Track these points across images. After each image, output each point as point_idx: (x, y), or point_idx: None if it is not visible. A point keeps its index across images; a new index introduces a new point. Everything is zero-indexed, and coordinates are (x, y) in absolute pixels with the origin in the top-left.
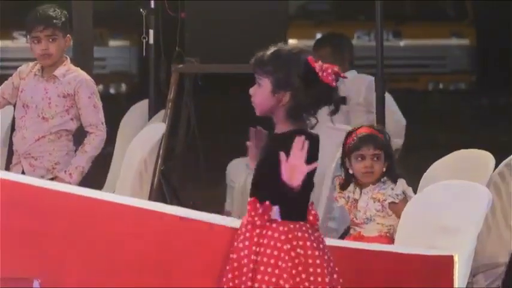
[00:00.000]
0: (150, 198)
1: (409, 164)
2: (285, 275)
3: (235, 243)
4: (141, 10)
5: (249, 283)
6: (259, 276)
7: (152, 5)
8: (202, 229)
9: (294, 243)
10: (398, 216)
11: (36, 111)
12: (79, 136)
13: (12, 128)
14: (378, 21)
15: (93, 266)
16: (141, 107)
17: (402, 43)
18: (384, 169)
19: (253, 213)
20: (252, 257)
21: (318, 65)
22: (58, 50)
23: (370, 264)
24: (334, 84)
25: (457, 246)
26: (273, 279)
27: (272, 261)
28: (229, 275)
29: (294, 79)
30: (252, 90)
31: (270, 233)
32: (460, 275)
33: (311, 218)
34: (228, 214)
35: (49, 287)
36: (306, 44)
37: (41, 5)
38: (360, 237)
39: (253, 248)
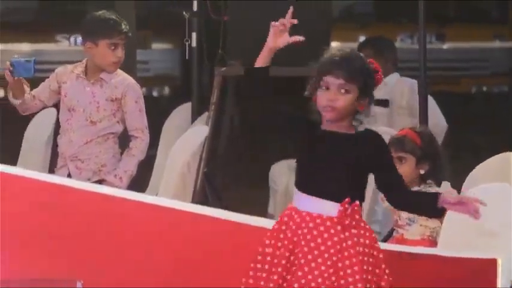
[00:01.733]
0: (193, 200)
1: (452, 167)
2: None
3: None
4: (184, 13)
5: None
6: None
7: (195, 8)
8: (245, 232)
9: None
10: (442, 219)
11: (84, 114)
12: (121, 139)
13: (56, 131)
14: (421, 24)
15: (133, 267)
16: (184, 109)
17: (445, 46)
18: (423, 171)
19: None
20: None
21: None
22: (122, 57)
23: (412, 268)
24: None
25: (499, 249)
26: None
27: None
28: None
29: (372, 86)
30: (336, 95)
31: (355, 231)
32: (503, 277)
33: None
34: (271, 217)
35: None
36: (349, 47)
37: (84, 8)
38: (403, 240)
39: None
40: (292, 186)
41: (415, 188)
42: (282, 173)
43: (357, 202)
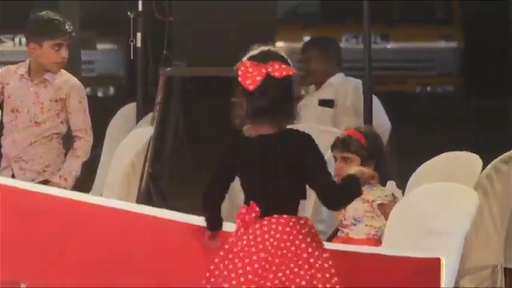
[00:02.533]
0: (138, 201)
1: (396, 167)
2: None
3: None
4: (129, 13)
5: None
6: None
7: (140, 8)
8: (191, 231)
9: (284, 236)
10: (387, 218)
11: (28, 115)
12: (64, 139)
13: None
14: (365, 24)
15: (80, 269)
16: (129, 110)
17: (390, 46)
18: None
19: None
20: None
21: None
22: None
23: (357, 267)
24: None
25: (444, 249)
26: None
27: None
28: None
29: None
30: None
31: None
32: (447, 277)
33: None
34: None
35: None
36: (293, 47)
37: (29, 8)
38: (348, 240)
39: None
40: (237, 186)
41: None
42: None
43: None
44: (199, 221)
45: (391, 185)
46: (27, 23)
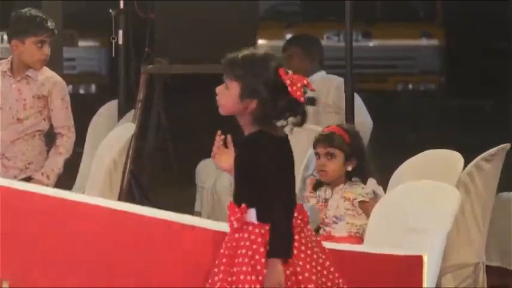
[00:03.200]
0: (120, 199)
1: (378, 165)
2: (260, 277)
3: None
4: (110, 11)
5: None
6: (234, 278)
7: (121, 6)
8: (174, 229)
9: None
10: (368, 216)
11: (11, 112)
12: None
13: None
14: (347, 22)
15: (63, 267)
16: (111, 107)
17: (372, 44)
18: (350, 168)
19: (232, 218)
20: (224, 260)
21: (288, 78)
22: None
23: (339, 264)
24: (302, 100)
25: (426, 247)
26: (250, 278)
27: (246, 260)
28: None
29: (262, 89)
30: (218, 90)
31: (246, 235)
32: (429, 275)
33: (299, 221)
34: (198, 215)
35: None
36: (275, 45)
37: (11, 6)
38: (330, 237)
39: (227, 252)
40: (220, 183)
41: (340, 186)
42: (210, 171)
43: (243, 205)
44: (182, 218)
45: (372, 182)
46: (10, 20)
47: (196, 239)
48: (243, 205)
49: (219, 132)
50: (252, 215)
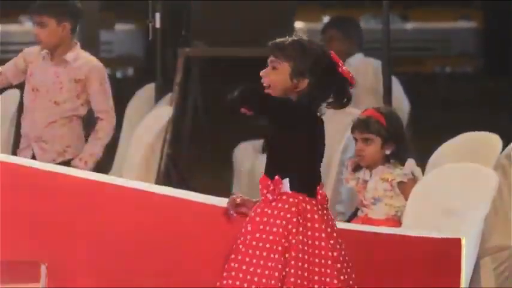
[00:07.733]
0: (157, 182)
1: (415, 147)
2: (292, 252)
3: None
4: None
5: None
6: (268, 245)
7: None
8: (211, 212)
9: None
10: (407, 197)
11: (48, 95)
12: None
13: (19, 112)
14: (384, 4)
15: (100, 250)
16: (148, 90)
17: (409, 26)
18: (389, 152)
19: (265, 191)
20: (257, 234)
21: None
22: (47, 37)
23: (377, 247)
24: (353, 80)
25: (464, 229)
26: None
27: (281, 230)
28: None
29: (313, 68)
30: (264, 73)
31: (280, 205)
32: (467, 257)
33: (319, 197)
34: None
35: (56, 270)
36: (313, 27)
37: None
38: (367, 220)
39: (261, 226)
40: (257, 166)
41: (379, 168)
42: (247, 154)
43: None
44: (218, 201)
45: (411, 163)
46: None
47: (233, 222)
48: (276, 177)
49: None
50: (286, 185)
